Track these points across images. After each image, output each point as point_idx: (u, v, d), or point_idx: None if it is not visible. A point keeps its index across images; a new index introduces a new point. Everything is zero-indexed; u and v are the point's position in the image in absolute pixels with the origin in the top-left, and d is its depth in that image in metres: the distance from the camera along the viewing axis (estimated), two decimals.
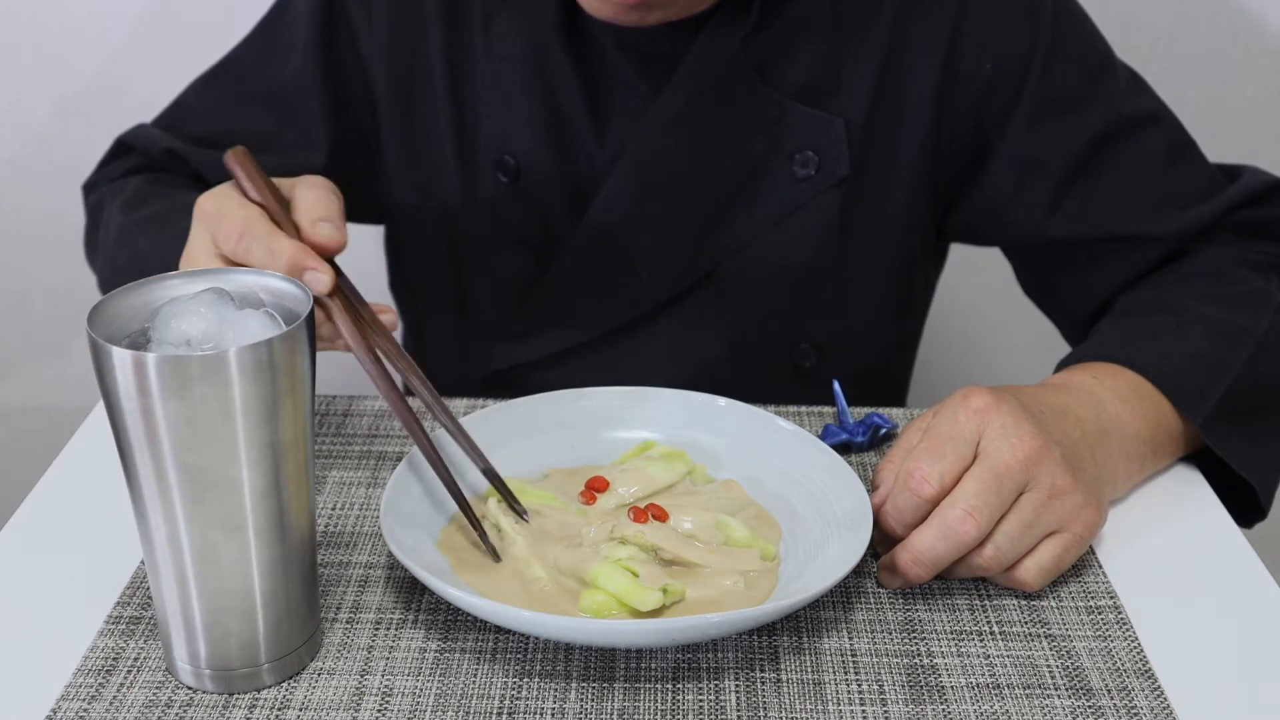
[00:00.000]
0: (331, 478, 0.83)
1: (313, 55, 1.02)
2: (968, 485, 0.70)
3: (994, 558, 0.71)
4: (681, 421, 0.83)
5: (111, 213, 0.99)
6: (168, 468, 0.60)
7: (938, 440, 0.72)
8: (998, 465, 0.70)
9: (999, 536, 0.71)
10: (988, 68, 0.96)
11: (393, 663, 0.68)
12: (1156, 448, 0.83)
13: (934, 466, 0.71)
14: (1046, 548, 0.72)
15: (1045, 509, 0.71)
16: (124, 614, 0.71)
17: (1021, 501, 0.71)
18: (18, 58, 1.45)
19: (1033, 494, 0.71)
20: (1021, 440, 0.71)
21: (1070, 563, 0.73)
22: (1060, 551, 0.72)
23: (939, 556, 0.70)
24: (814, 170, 0.96)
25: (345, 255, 1.13)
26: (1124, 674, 0.68)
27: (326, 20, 1.02)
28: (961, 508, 0.70)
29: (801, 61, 0.95)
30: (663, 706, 0.66)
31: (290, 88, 1.03)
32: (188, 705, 0.65)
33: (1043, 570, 0.72)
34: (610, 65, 0.97)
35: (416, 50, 1.01)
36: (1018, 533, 0.71)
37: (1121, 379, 0.83)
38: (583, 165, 0.99)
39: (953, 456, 0.71)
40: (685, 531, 0.74)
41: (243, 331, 0.61)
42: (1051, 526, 0.72)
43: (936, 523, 0.70)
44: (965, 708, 0.66)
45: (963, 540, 0.70)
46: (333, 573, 0.75)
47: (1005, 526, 0.71)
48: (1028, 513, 0.71)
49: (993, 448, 0.71)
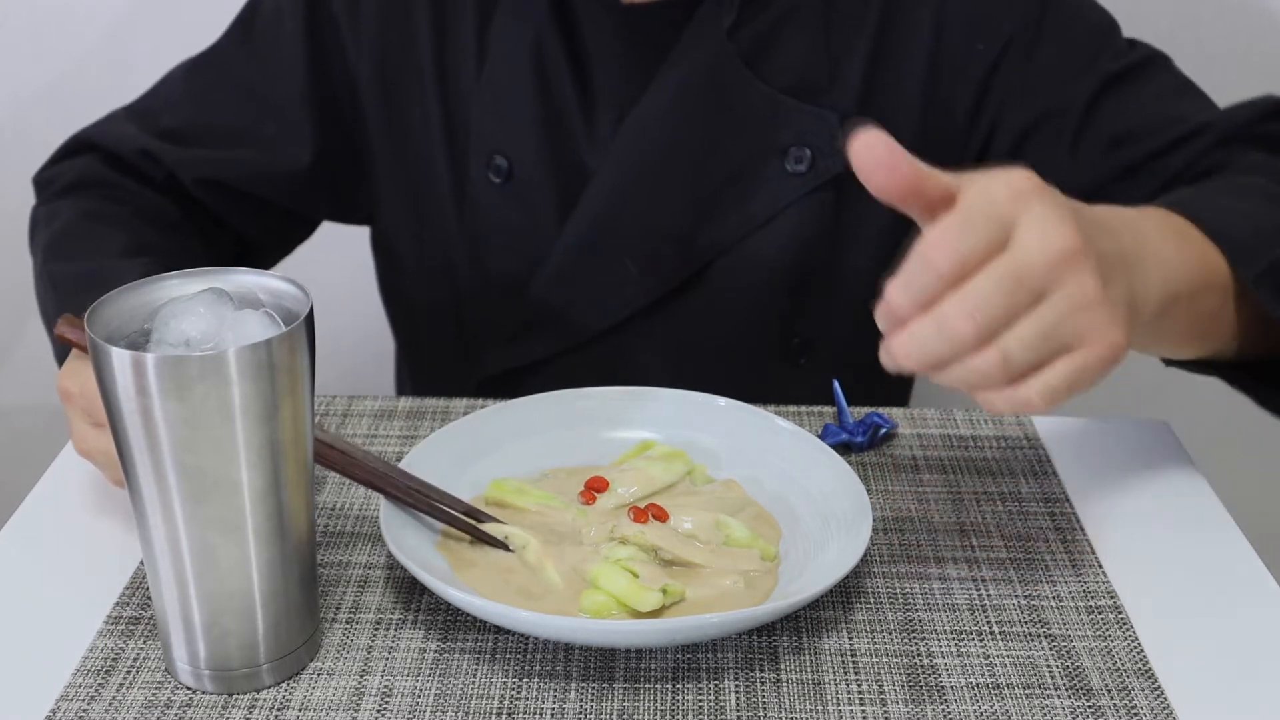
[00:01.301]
0: (331, 478, 0.83)
1: (299, 52, 1.01)
2: (982, 282, 0.60)
3: (999, 365, 0.61)
4: (681, 421, 0.83)
5: (38, 244, 0.96)
6: (167, 468, 0.60)
7: (970, 214, 0.61)
8: (1023, 262, 0.60)
9: (1009, 340, 0.61)
10: (979, 47, 0.95)
11: (392, 663, 0.68)
12: (1195, 292, 0.74)
13: (961, 241, 0.60)
14: (1060, 366, 0.62)
15: (1068, 319, 0.61)
16: (123, 614, 0.71)
17: (1043, 307, 0.61)
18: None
19: (1056, 300, 0.61)
20: (1059, 236, 0.61)
21: (1085, 387, 0.63)
22: (1075, 372, 0.62)
23: (929, 348, 0.62)
24: (806, 166, 0.96)
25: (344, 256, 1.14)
26: (1124, 674, 0.68)
27: (311, 17, 1.01)
28: (967, 306, 0.60)
29: (793, 54, 0.95)
30: (663, 706, 0.66)
31: (274, 83, 1.02)
32: (187, 705, 0.65)
33: (1051, 391, 0.62)
34: (604, 62, 0.96)
35: (406, 50, 1.00)
36: (1033, 339, 0.61)
37: (1170, 220, 0.75)
38: (575, 164, 0.98)
39: (983, 235, 0.60)
40: (685, 531, 0.74)
41: (242, 332, 0.61)
42: (1070, 340, 0.62)
43: (935, 314, 0.61)
44: (965, 708, 0.66)
45: (958, 340, 0.60)
46: (333, 573, 0.75)
47: (1019, 331, 0.61)
48: (1048, 320, 0.61)
49: (1024, 240, 0.61)
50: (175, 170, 1.01)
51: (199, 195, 1.02)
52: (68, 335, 0.74)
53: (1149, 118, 0.93)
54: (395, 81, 1.01)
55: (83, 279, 0.89)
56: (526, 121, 0.98)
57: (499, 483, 0.78)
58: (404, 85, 1.01)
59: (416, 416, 0.90)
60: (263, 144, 1.02)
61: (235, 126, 1.02)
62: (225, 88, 1.03)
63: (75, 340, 0.74)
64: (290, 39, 1.01)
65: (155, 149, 1.01)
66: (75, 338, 0.74)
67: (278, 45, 1.02)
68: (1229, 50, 1.47)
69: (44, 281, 0.94)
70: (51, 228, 0.97)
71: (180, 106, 1.03)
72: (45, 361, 0.92)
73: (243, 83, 1.03)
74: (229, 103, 1.03)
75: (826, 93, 0.95)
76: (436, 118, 1.00)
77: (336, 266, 1.18)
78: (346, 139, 1.04)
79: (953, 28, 0.95)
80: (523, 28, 0.96)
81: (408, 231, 1.06)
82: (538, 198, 0.99)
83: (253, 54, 1.03)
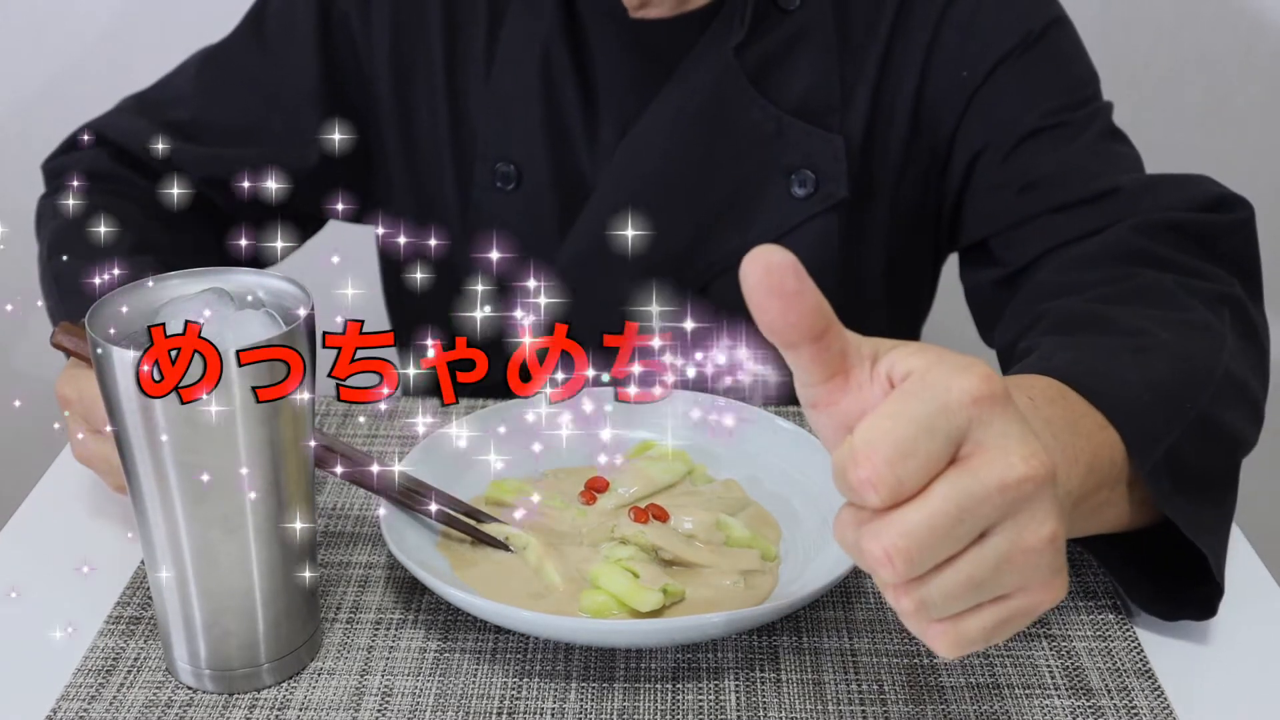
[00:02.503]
0: (332, 478, 0.83)
1: (310, 51, 1.00)
2: (915, 514, 0.48)
3: (912, 612, 0.50)
4: (681, 421, 0.83)
5: (44, 236, 0.97)
6: (167, 468, 0.60)
7: (909, 421, 0.48)
8: (978, 488, 0.48)
9: (931, 589, 0.49)
10: (964, 75, 0.94)
11: (393, 663, 0.68)
12: (1090, 491, 0.64)
13: (892, 468, 0.48)
14: (987, 613, 0.51)
15: (1011, 563, 0.50)
16: (124, 614, 0.72)
17: (986, 545, 0.50)
18: None
19: (1006, 537, 0.50)
20: (1025, 459, 0.49)
21: (1003, 638, 0.52)
22: (1003, 621, 0.51)
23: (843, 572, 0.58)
24: (811, 190, 0.94)
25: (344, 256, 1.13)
26: (1124, 674, 0.68)
27: (324, 16, 1.00)
28: (886, 546, 0.48)
29: (801, 75, 0.94)
30: (663, 706, 0.66)
31: (284, 81, 1.01)
32: (188, 705, 0.65)
33: (965, 642, 0.51)
34: (610, 72, 0.96)
35: (417, 54, 1.00)
36: (959, 590, 0.50)
37: (1058, 408, 0.65)
38: (580, 174, 0.98)
39: (922, 458, 0.48)
40: (685, 531, 0.74)
41: (243, 331, 0.61)
42: (1008, 589, 0.51)
43: (852, 541, 0.50)
44: (965, 708, 0.66)
45: (878, 577, 0.50)
46: (333, 573, 0.75)
47: (946, 576, 0.49)
48: (987, 564, 0.50)
49: (985, 459, 0.49)
50: (182, 167, 1.00)
51: (205, 192, 1.02)
52: (65, 344, 0.74)
53: (1062, 169, 0.90)
54: (406, 79, 1.00)
55: (84, 276, 0.89)
56: (532, 129, 0.97)
57: (499, 483, 0.78)
58: (414, 83, 1.00)
59: (416, 416, 0.90)
60: (271, 142, 1.01)
61: (243, 124, 1.02)
62: (235, 84, 1.03)
63: (72, 349, 0.74)
64: (302, 37, 1.01)
65: (162, 146, 1.00)
66: (72, 346, 0.74)
67: (290, 43, 1.01)
68: (1229, 50, 1.47)
69: (47, 277, 0.94)
70: (57, 221, 0.97)
71: (189, 100, 1.03)
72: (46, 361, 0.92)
73: (253, 79, 1.02)
74: (238, 100, 1.02)
75: (835, 114, 0.94)
76: (444, 117, 1.00)
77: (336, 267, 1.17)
78: (357, 137, 1.03)
79: (943, 52, 0.94)
80: (531, 33, 0.96)
81: (410, 231, 1.05)
82: (542, 206, 0.99)
83: (264, 50, 1.02)
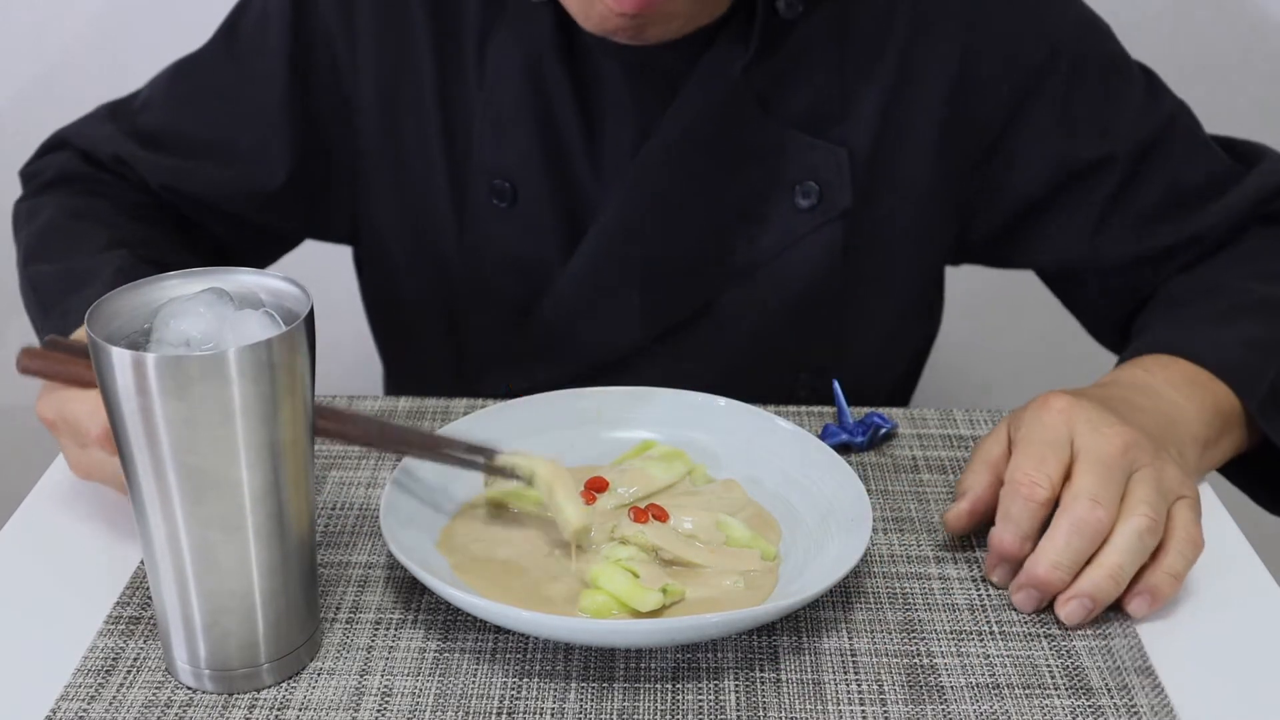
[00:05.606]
0: (331, 478, 0.83)
1: (280, 64, 0.97)
2: (1081, 479, 0.70)
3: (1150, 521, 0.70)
4: (681, 421, 0.83)
5: (20, 241, 0.97)
6: (167, 468, 0.60)
7: (1033, 446, 0.72)
8: (1101, 456, 0.71)
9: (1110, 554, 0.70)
10: (1004, 89, 0.94)
11: (392, 663, 0.68)
12: (1218, 435, 0.83)
13: (1040, 470, 0.71)
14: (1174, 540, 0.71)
15: (1160, 482, 0.71)
16: (123, 614, 0.72)
17: (1135, 479, 0.71)
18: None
19: (1144, 472, 0.72)
20: (1113, 430, 0.72)
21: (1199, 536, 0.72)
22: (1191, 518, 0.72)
23: (1077, 552, 0.69)
24: (815, 201, 0.94)
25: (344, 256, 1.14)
26: (1124, 672, 0.68)
27: (297, 28, 0.97)
28: (1086, 498, 0.70)
29: (805, 90, 0.93)
30: (663, 706, 0.66)
31: (252, 95, 0.99)
32: (187, 705, 0.65)
33: (1175, 576, 0.71)
34: (609, 89, 0.94)
35: (405, 70, 0.97)
36: (1154, 497, 0.70)
37: (1174, 369, 0.84)
38: (579, 191, 0.96)
39: (1054, 459, 0.72)
40: (685, 531, 0.74)
41: (242, 331, 0.61)
42: (1177, 492, 0.72)
43: (1064, 521, 0.70)
44: (965, 708, 0.66)
45: (1096, 529, 0.69)
46: (333, 573, 0.75)
47: (1137, 493, 0.70)
48: (1149, 486, 0.71)
49: (1089, 443, 0.72)
50: (141, 175, 1.00)
51: (168, 200, 1.01)
52: (31, 368, 0.73)
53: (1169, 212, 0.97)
54: (393, 98, 0.98)
55: (60, 280, 0.89)
56: (527, 145, 0.95)
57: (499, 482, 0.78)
58: (403, 101, 0.97)
59: (416, 417, 0.90)
60: (234, 157, 0.99)
61: (207, 138, 1.00)
62: (203, 96, 1.01)
63: (38, 371, 0.74)
64: (272, 50, 0.98)
65: (126, 152, 1.00)
66: (38, 368, 0.73)
67: (259, 56, 0.99)
68: (1229, 50, 1.47)
69: (25, 283, 0.94)
70: (32, 226, 0.97)
71: (158, 109, 1.02)
72: None
73: (221, 92, 1.00)
74: (205, 112, 1.01)
75: (838, 127, 0.94)
76: (436, 134, 0.97)
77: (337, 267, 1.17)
78: (326, 157, 1.01)
79: (977, 67, 0.94)
80: (523, 46, 0.93)
81: (402, 250, 1.03)
82: (541, 223, 0.97)
83: (233, 62, 1.00)
